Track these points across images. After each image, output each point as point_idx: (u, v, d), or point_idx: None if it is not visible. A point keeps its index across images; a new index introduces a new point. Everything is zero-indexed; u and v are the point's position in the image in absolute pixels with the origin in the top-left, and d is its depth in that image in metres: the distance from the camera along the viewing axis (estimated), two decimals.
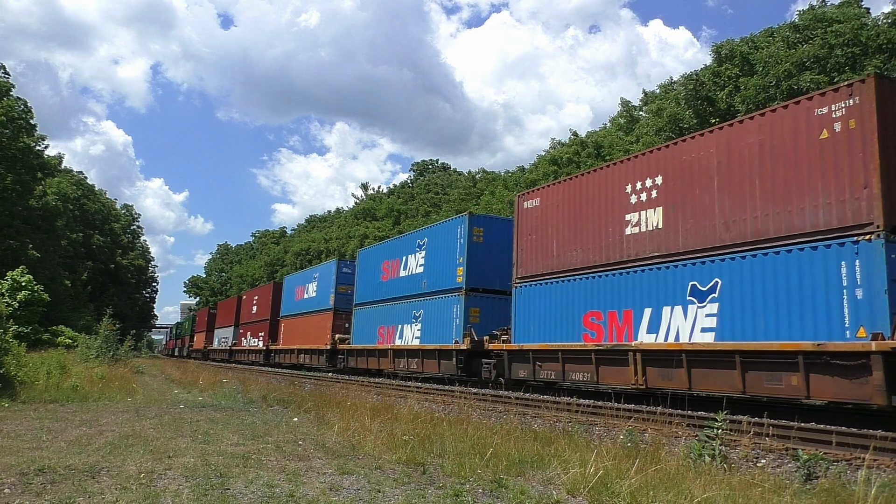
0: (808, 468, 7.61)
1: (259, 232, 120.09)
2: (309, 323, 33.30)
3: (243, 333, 47.12)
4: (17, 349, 16.69)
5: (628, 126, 42.73)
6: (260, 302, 43.99)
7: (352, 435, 8.90)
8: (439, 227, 22.86)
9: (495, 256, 20.15)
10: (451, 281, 20.72)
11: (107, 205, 74.37)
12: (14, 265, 34.12)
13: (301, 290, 36.07)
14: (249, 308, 46.61)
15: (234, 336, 49.69)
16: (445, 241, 21.61)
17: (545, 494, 5.80)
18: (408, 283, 23.75)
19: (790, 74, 26.37)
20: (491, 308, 20.18)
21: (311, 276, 35.38)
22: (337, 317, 30.29)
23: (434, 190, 75.17)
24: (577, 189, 15.82)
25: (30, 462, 6.50)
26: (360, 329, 27.34)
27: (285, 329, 37.79)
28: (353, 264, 30.85)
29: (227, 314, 54.23)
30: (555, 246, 16.17)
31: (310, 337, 32.82)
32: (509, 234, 18.76)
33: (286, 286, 39.73)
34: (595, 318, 14.60)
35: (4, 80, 43.31)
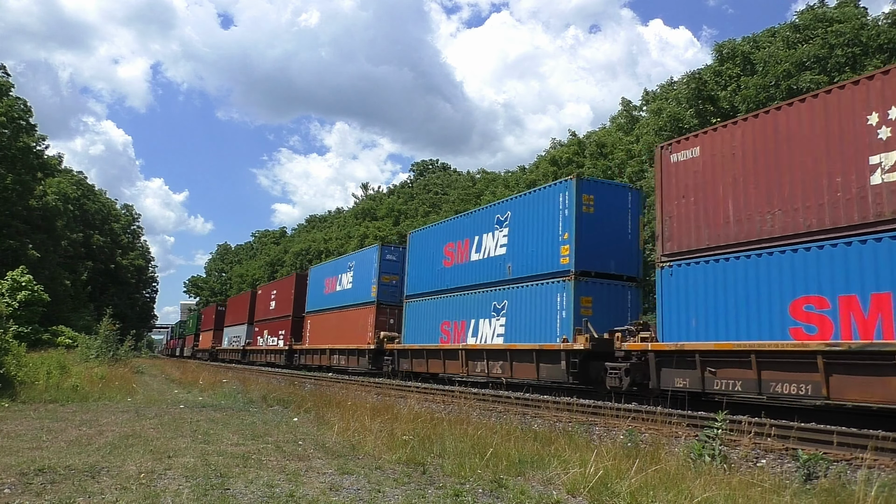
0: (808, 468, 7.61)
1: (259, 232, 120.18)
2: (344, 319, 29.21)
3: (259, 332, 42.94)
4: (17, 349, 16.68)
5: (628, 126, 42.73)
6: (279, 297, 39.89)
7: (352, 435, 8.90)
8: (530, 196, 18.26)
9: (610, 232, 16.53)
10: (550, 263, 16.63)
11: (107, 205, 74.38)
12: (14, 265, 34.12)
13: (332, 282, 31.79)
14: (266, 304, 42.52)
15: (247, 335, 45.79)
16: (541, 214, 17.34)
17: (545, 494, 5.80)
18: (483, 269, 19.55)
19: (789, 74, 26.38)
20: (605, 297, 16.27)
21: (344, 265, 30.86)
22: (380, 311, 26.24)
23: (434, 190, 75.17)
24: (768, 128, 11.57)
25: (30, 462, 6.49)
26: (415, 325, 23.14)
27: (312, 326, 33.61)
28: (399, 250, 26.98)
29: (238, 311, 50.11)
30: (730, 209, 11.95)
31: (345, 335, 28.65)
32: (624, 203, 16.34)
33: (312, 278, 35.46)
34: (814, 305, 10.35)
35: (4, 80, 43.30)
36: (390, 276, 26.61)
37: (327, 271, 33.48)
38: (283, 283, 40.96)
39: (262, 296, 44.51)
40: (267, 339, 40.67)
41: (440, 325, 21.40)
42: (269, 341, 40.20)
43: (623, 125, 43.74)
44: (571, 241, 16.01)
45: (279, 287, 41.29)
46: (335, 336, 29.93)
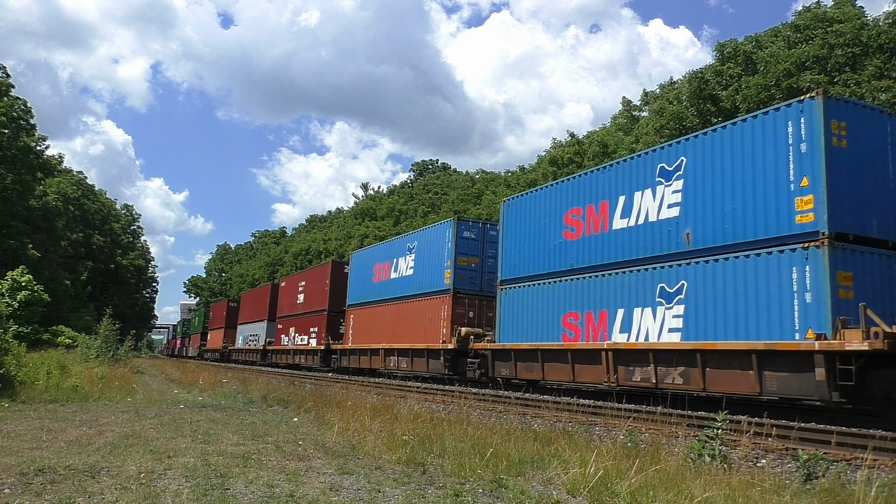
0: (808, 468, 7.61)
1: (259, 232, 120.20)
2: (404, 313, 24.28)
3: (283, 329, 38.14)
4: (17, 349, 16.68)
5: (628, 126, 42.73)
6: (310, 289, 34.85)
7: (352, 435, 8.90)
8: (725, 132, 12.91)
9: (868, 178, 11.58)
10: (775, 223, 11.57)
11: (107, 205, 74.35)
12: (14, 265, 34.10)
13: (384, 269, 26.56)
14: (292, 297, 37.48)
15: (268, 333, 41.22)
16: (747, 155, 12.26)
17: (545, 494, 5.80)
18: (637, 239, 14.43)
19: (790, 74, 26.39)
20: (869, 272, 11.17)
21: (402, 247, 25.61)
22: (457, 302, 21.16)
23: (434, 190, 75.17)
24: None
25: (30, 462, 6.49)
26: (518, 319, 17.89)
27: (357, 322, 28.36)
28: (479, 226, 22.66)
29: (256, 306, 45.36)
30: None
31: (407, 332, 23.75)
32: (883, 137, 11.76)
33: (355, 265, 30.13)
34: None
35: (4, 80, 43.29)
36: (468, 257, 21.62)
37: (377, 255, 27.82)
38: (314, 273, 35.54)
39: (286, 289, 39.38)
40: (294, 338, 35.77)
41: (562, 317, 16.40)
42: (297, 340, 35.27)
43: (623, 125, 43.75)
44: (817, 189, 10.95)
45: (310, 277, 35.83)
46: (392, 334, 24.78)
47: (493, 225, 22.01)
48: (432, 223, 30.00)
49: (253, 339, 44.61)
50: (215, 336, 58.10)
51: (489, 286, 21.23)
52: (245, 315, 48.86)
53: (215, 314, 61.31)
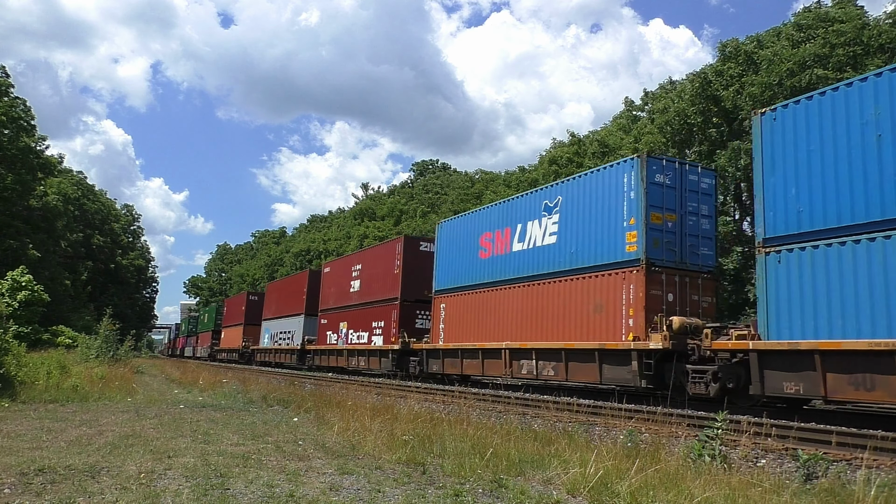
0: (808, 468, 7.61)
1: (259, 232, 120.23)
2: (542, 298, 17.04)
3: (330, 325, 31.31)
4: (17, 349, 16.70)
5: (629, 126, 42.77)
6: (371, 273, 27.74)
7: (352, 435, 8.90)
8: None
9: None
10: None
11: (107, 205, 74.39)
12: (14, 265, 34.10)
13: (500, 240, 19.19)
14: (342, 285, 30.64)
15: (306, 329, 34.62)
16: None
17: (545, 494, 5.80)
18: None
19: (793, 73, 26.41)
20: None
21: (533, 206, 17.98)
22: (651, 279, 14.15)
23: (433, 190, 75.19)
24: None
25: (30, 462, 6.49)
26: (818, 299, 10.58)
27: (451, 314, 21.28)
28: (675, 166, 14.93)
29: (288, 298, 38.79)
30: None
31: (553, 326, 16.51)
32: None
33: (445, 238, 22.53)
34: None
35: (4, 80, 43.31)
36: (664, 213, 14.49)
37: (485, 222, 20.22)
38: (377, 254, 27.98)
39: (332, 275, 32.55)
40: (348, 336, 28.96)
41: None
42: (352, 338, 28.48)
43: (624, 125, 43.80)
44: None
45: (369, 259, 28.56)
46: (521, 328, 17.72)
47: (693, 166, 15.35)
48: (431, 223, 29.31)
49: (284, 337, 37.71)
50: (232, 334, 51.43)
51: (693, 257, 14.79)
52: (272, 309, 41.49)
53: (231, 309, 53.96)
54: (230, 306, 55.39)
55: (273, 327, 40.70)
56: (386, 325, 25.54)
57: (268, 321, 42.24)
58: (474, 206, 54.81)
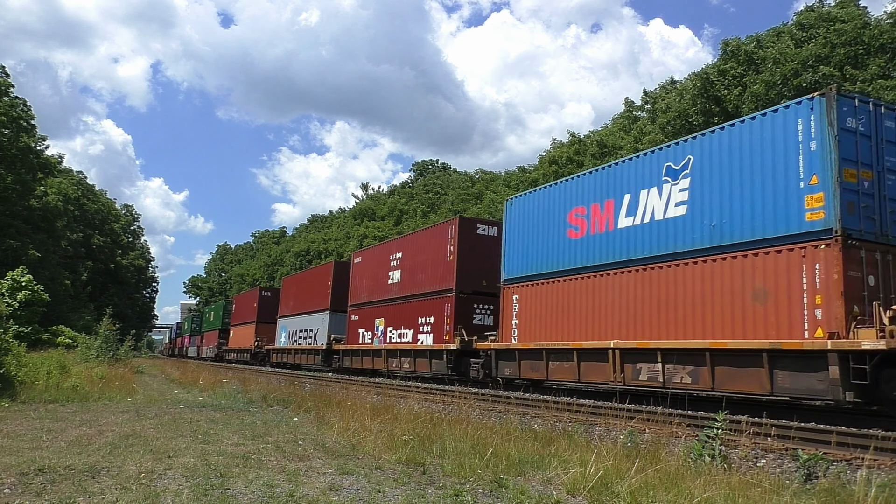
0: (808, 468, 7.61)
1: (259, 232, 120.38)
2: (662, 284, 13.48)
3: (362, 322, 27.50)
4: (17, 349, 16.70)
5: (629, 126, 42.81)
6: (415, 261, 23.94)
7: (352, 435, 8.90)
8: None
9: None
10: None
11: (107, 205, 74.47)
12: (14, 265, 34.14)
13: (600, 214, 15.42)
14: (377, 276, 26.74)
15: (332, 327, 30.97)
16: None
17: (545, 494, 5.80)
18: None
19: (797, 73, 26.45)
20: None
21: (649, 171, 14.31)
22: (850, 259, 10.55)
23: (434, 190, 75.23)
24: None
25: (30, 462, 6.49)
26: None
27: (528, 307, 17.30)
28: (869, 108, 11.37)
29: (309, 293, 34.98)
30: None
31: (684, 320, 12.85)
32: None
33: (517, 215, 18.35)
34: None
35: (4, 80, 43.34)
36: (859, 168, 11.04)
37: (577, 194, 16.25)
38: (423, 239, 24.00)
39: (364, 266, 28.60)
40: (387, 334, 25.01)
41: None
42: (391, 336, 24.69)
43: (624, 125, 43.85)
44: None
45: (413, 246, 24.56)
46: (640, 323, 13.84)
47: (890, 109, 11.91)
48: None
49: (306, 336, 34.11)
50: (242, 333, 47.69)
51: None
52: (290, 305, 37.82)
53: (241, 306, 50.38)
54: (240, 303, 51.72)
55: (291, 325, 36.95)
56: (437, 321, 21.66)
57: (286, 318, 38.38)
58: (475, 206, 54.66)
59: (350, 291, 29.48)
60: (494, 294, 19.74)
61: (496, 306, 19.63)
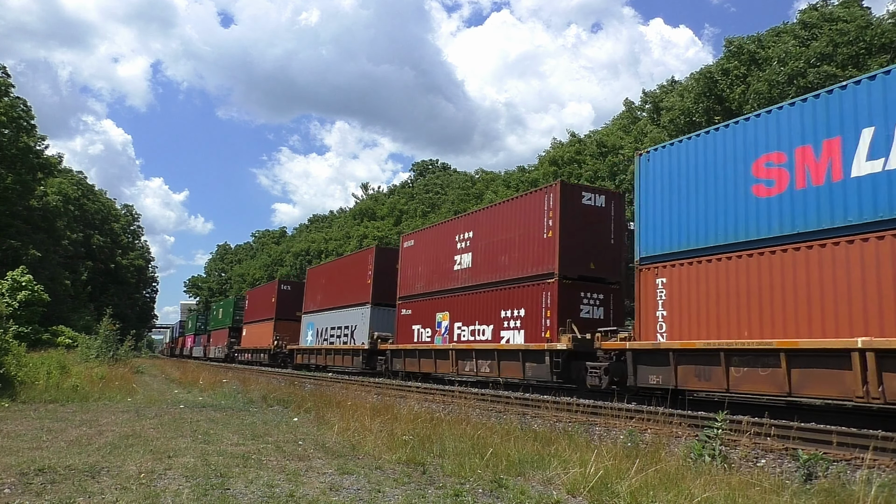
0: (808, 468, 7.61)
1: (259, 232, 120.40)
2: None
3: (416, 317, 23.09)
4: (17, 349, 16.70)
5: (629, 126, 42.83)
6: (490, 242, 19.65)
7: (352, 435, 8.90)
8: None
9: None
10: None
11: (107, 205, 74.53)
12: (14, 265, 34.15)
13: (797, 164, 11.17)
14: (437, 261, 22.37)
15: (374, 323, 26.39)
16: None
17: (545, 494, 5.79)
18: None
19: (803, 73, 26.46)
20: None
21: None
22: None
23: (434, 190, 75.24)
24: None
25: (30, 462, 6.49)
26: None
27: (680, 291, 13.05)
28: None
29: (343, 285, 30.17)
30: None
31: None
32: None
33: (655, 173, 14.02)
34: None
35: (4, 80, 43.35)
36: None
37: (769, 137, 11.80)
38: (500, 214, 19.56)
39: (416, 251, 24.07)
40: (453, 331, 20.63)
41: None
42: (461, 334, 20.21)
43: (625, 125, 43.89)
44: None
45: (489, 222, 19.96)
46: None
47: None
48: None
49: (339, 334, 29.59)
50: (258, 332, 43.22)
51: None
52: (318, 299, 33.56)
53: (256, 302, 45.48)
54: (254, 298, 46.67)
55: (320, 322, 32.47)
56: (530, 313, 17.30)
57: (313, 315, 33.91)
58: (475, 206, 54.58)
59: (399, 281, 24.90)
60: (603, 280, 17.00)
61: (606, 295, 16.90)
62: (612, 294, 17.26)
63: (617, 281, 17.38)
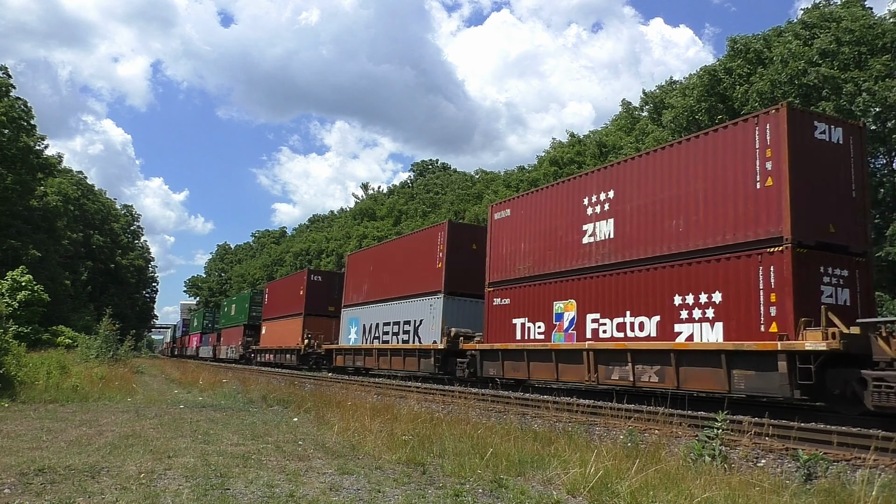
0: (808, 468, 7.61)
1: (259, 232, 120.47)
2: None
3: (521, 307, 17.83)
4: (17, 349, 16.70)
5: (629, 126, 42.85)
6: (647, 202, 14.09)
7: (352, 435, 8.90)
8: None
9: None
10: None
11: (107, 205, 74.59)
12: (14, 265, 34.17)
13: None
14: (554, 235, 16.89)
15: (448, 317, 21.23)
16: None
17: (545, 494, 5.79)
18: None
19: (804, 72, 26.46)
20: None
21: None
22: None
23: (434, 190, 75.27)
24: None
25: (30, 462, 6.49)
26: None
27: None
28: None
29: (398, 271, 25.13)
30: None
31: None
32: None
33: None
34: None
35: (4, 81, 43.37)
36: None
37: None
38: (671, 158, 13.80)
39: (514, 222, 18.72)
40: (585, 325, 15.44)
41: None
42: (600, 329, 14.97)
43: (624, 126, 43.91)
44: None
45: (642, 173, 14.47)
46: None
47: None
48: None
49: (399, 330, 24.24)
50: (282, 329, 37.17)
51: None
52: (362, 290, 28.19)
53: (280, 295, 39.56)
54: (276, 291, 41.19)
55: (367, 317, 27.02)
56: (736, 298, 11.88)
57: (355, 308, 28.54)
58: (474, 206, 54.52)
59: (489, 264, 19.46)
60: (846, 249, 11.86)
61: (851, 271, 11.84)
62: (859, 270, 12.02)
63: (864, 251, 12.21)
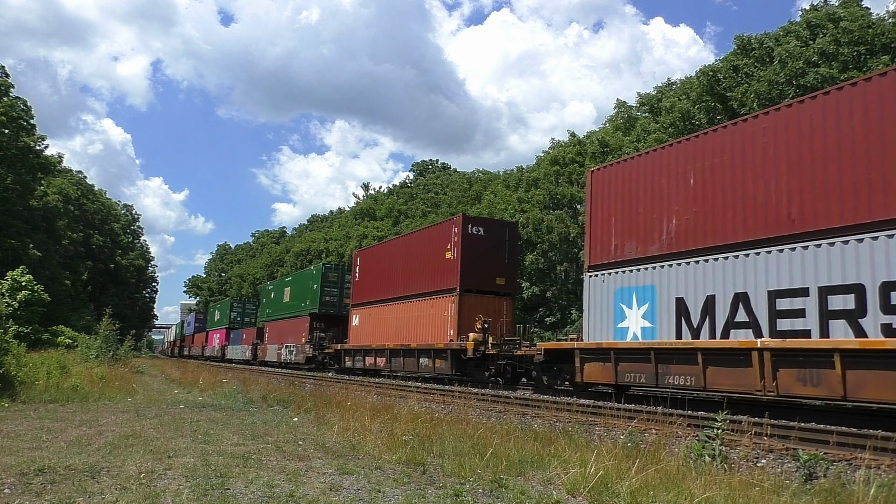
0: (808, 468, 7.61)
1: (259, 232, 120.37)
2: None
3: None
4: (17, 349, 16.70)
5: (626, 126, 42.81)
6: None
7: (352, 435, 8.90)
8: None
9: None
10: None
11: (107, 205, 74.53)
12: (14, 265, 34.14)
13: None
14: None
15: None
16: None
17: (545, 494, 5.79)
18: None
19: (804, 73, 26.43)
20: None
21: None
22: None
23: (434, 190, 75.24)
24: None
25: (30, 462, 6.49)
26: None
27: None
28: None
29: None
30: None
31: None
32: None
33: None
34: None
35: (4, 80, 43.34)
36: None
37: None
38: None
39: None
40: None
41: None
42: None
43: (621, 125, 43.89)
44: None
45: None
46: None
47: None
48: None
49: None
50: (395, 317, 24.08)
51: None
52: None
53: (390, 262, 26.08)
54: (383, 259, 26.87)
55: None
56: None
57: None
58: (474, 206, 54.62)
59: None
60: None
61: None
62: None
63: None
